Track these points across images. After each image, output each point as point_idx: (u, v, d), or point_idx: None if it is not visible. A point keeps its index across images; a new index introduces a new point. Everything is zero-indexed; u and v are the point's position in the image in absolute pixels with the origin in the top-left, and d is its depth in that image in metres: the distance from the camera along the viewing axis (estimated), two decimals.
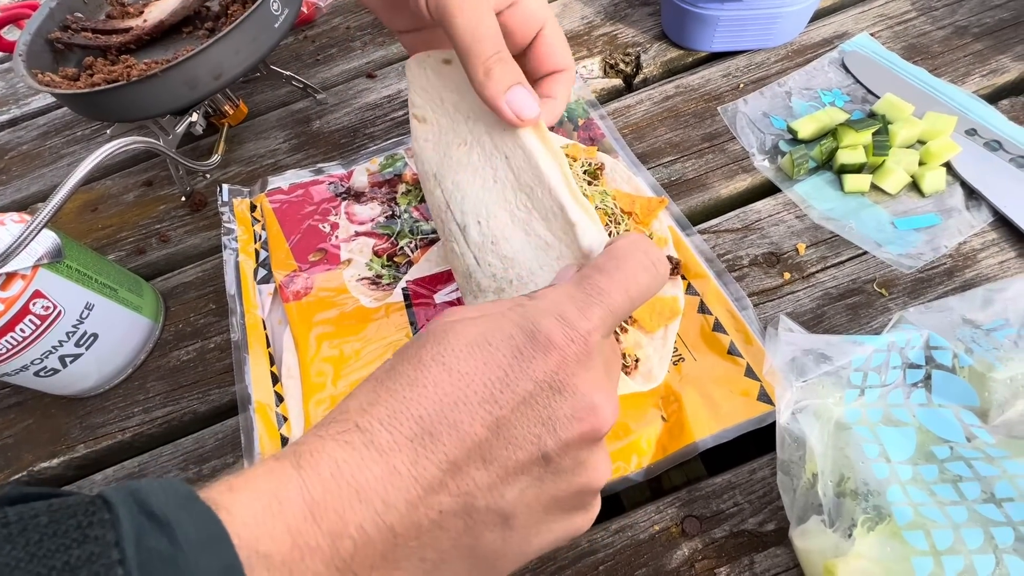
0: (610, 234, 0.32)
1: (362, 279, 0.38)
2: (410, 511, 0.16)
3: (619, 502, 0.31)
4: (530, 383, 0.17)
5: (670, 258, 0.34)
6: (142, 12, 0.50)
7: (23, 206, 0.53)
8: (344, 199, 0.43)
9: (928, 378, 0.26)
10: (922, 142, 0.38)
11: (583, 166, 0.37)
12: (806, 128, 0.39)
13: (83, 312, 0.34)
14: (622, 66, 0.49)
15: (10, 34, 0.56)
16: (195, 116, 0.45)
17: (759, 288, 0.35)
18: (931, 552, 0.22)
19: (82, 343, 0.35)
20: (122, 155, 0.53)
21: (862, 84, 0.42)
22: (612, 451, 0.29)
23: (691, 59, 0.48)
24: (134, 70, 0.41)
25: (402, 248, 0.40)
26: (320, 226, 0.42)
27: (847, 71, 0.43)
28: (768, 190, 0.39)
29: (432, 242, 0.40)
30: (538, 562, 0.28)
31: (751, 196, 0.39)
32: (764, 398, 0.29)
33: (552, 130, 0.37)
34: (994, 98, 0.40)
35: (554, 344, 0.18)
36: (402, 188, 0.43)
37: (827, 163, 0.39)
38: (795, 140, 0.40)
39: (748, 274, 0.35)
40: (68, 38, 0.46)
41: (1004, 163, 0.36)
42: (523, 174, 0.29)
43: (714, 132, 0.42)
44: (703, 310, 0.33)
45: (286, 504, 0.15)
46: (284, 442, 0.32)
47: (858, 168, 0.37)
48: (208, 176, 0.49)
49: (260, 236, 0.42)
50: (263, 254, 0.41)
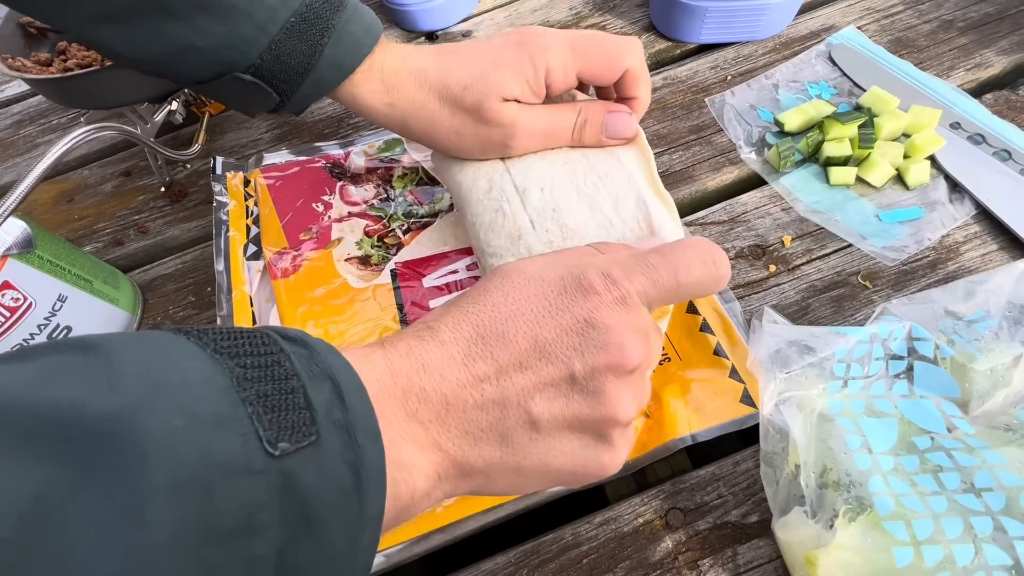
0: None
1: (351, 258, 0.38)
2: (459, 389, 0.20)
3: (603, 495, 0.30)
4: (568, 315, 0.21)
5: None
6: None
7: None
8: (340, 179, 0.42)
9: (910, 369, 0.26)
10: (907, 135, 0.38)
11: None
12: (793, 120, 0.39)
13: (56, 304, 0.33)
14: None
15: None
16: (175, 104, 0.44)
17: (745, 280, 0.35)
18: (911, 542, 0.22)
19: (55, 336, 0.34)
20: (99, 145, 0.52)
21: (848, 77, 0.42)
22: None
23: (679, 51, 0.48)
24: None
25: (393, 230, 0.39)
26: (313, 205, 0.41)
27: (834, 64, 0.43)
28: (755, 182, 0.39)
29: (425, 226, 0.39)
30: (521, 555, 0.28)
31: (738, 188, 0.39)
32: (747, 400, 0.29)
33: None
34: (978, 92, 0.40)
35: (595, 290, 0.21)
36: (398, 171, 0.42)
37: (813, 156, 0.39)
38: (782, 132, 0.40)
39: (734, 266, 0.35)
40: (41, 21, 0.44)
41: (987, 156, 0.36)
42: (600, 162, 0.31)
43: (701, 124, 0.42)
44: (692, 310, 0.33)
45: (375, 363, 0.20)
46: None
47: (844, 161, 0.37)
48: (188, 166, 0.48)
49: (252, 212, 0.41)
50: (254, 230, 0.40)
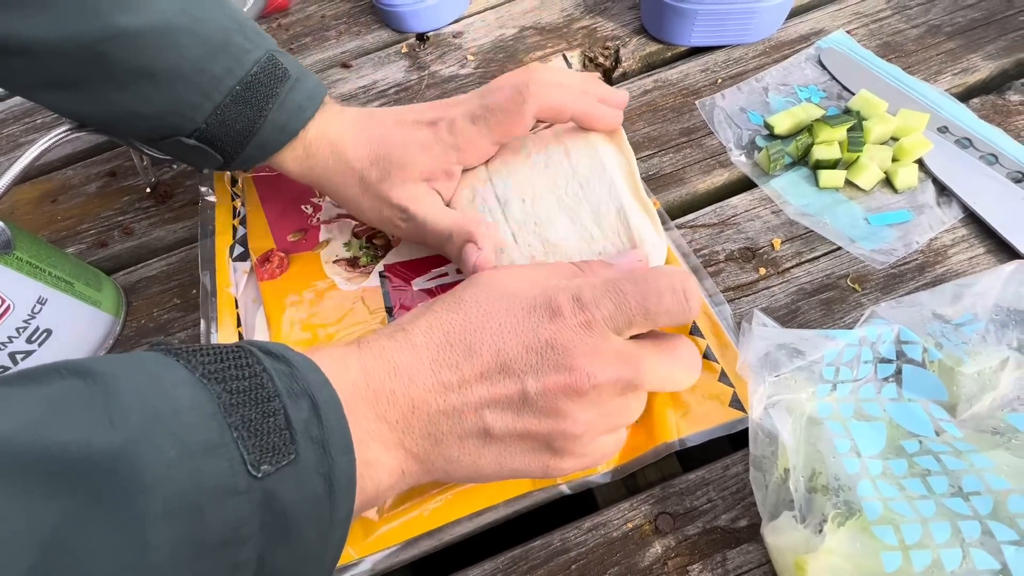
0: None
1: (339, 260, 0.37)
2: (425, 394, 0.22)
3: (593, 499, 0.30)
4: (532, 335, 0.22)
5: None
6: None
7: None
8: None
9: (899, 372, 0.26)
10: (895, 139, 0.38)
11: None
12: (782, 123, 0.39)
13: (35, 307, 0.33)
14: (601, 60, 0.49)
15: None
16: None
17: (735, 283, 0.35)
18: (900, 547, 0.22)
19: (34, 339, 0.33)
20: (84, 144, 0.52)
21: (838, 80, 0.42)
22: None
23: (670, 54, 0.48)
24: None
25: (382, 231, 0.39)
26: (302, 207, 0.40)
27: (823, 67, 0.43)
28: (745, 185, 0.39)
29: None
30: (510, 561, 0.28)
31: (728, 191, 0.39)
32: (737, 404, 0.29)
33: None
34: (965, 96, 0.40)
35: (562, 313, 0.23)
36: None
37: (803, 159, 0.39)
38: (772, 135, 0.40)
39: (724, 269, 0.35)
40: None
41: (974, 160, 0.36)
42: (581, 165, 0.30)
43: (692, 127, 0.42)
44: None
45: (350, 365, 0.22)
46: None
47: (833, 164, 0.37)
48: (174, 167, 0.48)
49: (239, 212, 0.41)
50: (241, 231, 0.40)
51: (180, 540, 0.14)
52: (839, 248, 0.35)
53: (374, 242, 0.38)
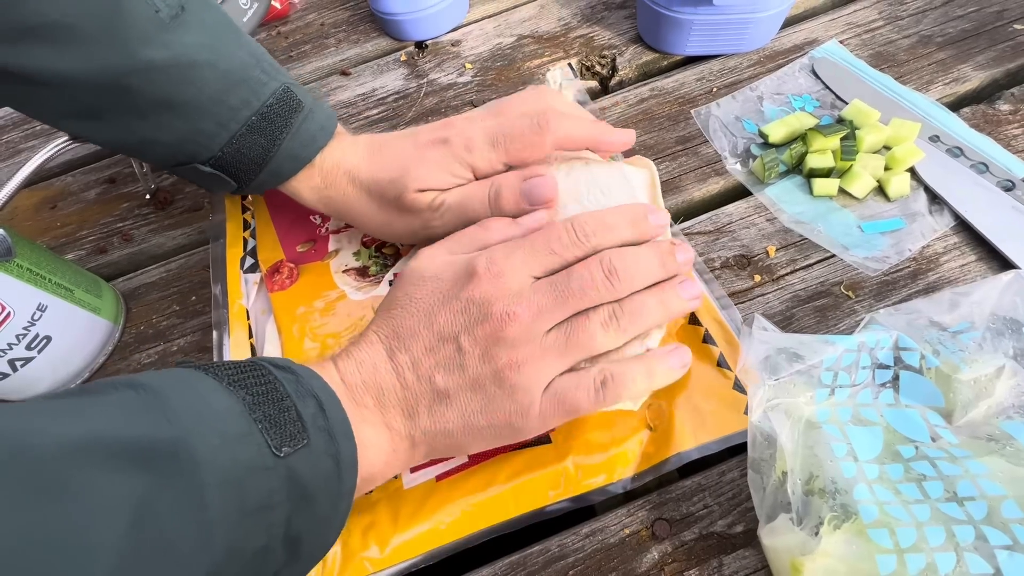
0: None
1: (348, 270, 0.38)
2: (388, 376, 0.26)
3: (590, 505, 0.30)
4: (456, 300, 0.26)
5: None
6: None
7: None
8: None
9: (896, 379, 0.26)
10: (888, 147, 0.38)
11: None
12: (777, 132, 0.40)
13: (35, 314, 0.33)
14: (598, 68, 0.49)
15: None
16: None
17: (730, 290, 0.35)
18: (895, 550, 0.22)
19: (34, 346, 0.33)
20: (83, 151, 0.52)
21: (831, 90, 0.43)
22: (594, 464, 0.29)
23: (666, 63, 0.49)
24: None
25: None
26: (311, 217, 0.41)
27: (817, 77, 0.44)
28: (740, 193, 0.39)
29: None
30: (508, 567, 0.28)
31: (723, 199, 0.40)
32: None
33: None
34: (956, 106, 0.41)
35: (477, 272, 0.26)
36: None
37: (797, 167, 0.39)
38: (766, 144, 0.41)
39: (720, 276, 0.36)
40: None
41: (965, 169, 0.37)
42: (602, 174, 0.31)
43: (687, 135, 0.43)
44: (694, 321, 0.33)
45: (328, 371, 0.25)
46: None
47: (827, 172, 0.38)
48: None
49: (249, 224, 0.41)
50: (251, 242, 0.40)
51: (230, 504, 0.19)
52: (833, 256, 0.35)
53: (383, 251, 0.38)
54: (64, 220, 0.47)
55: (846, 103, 0.41)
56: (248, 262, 0.39)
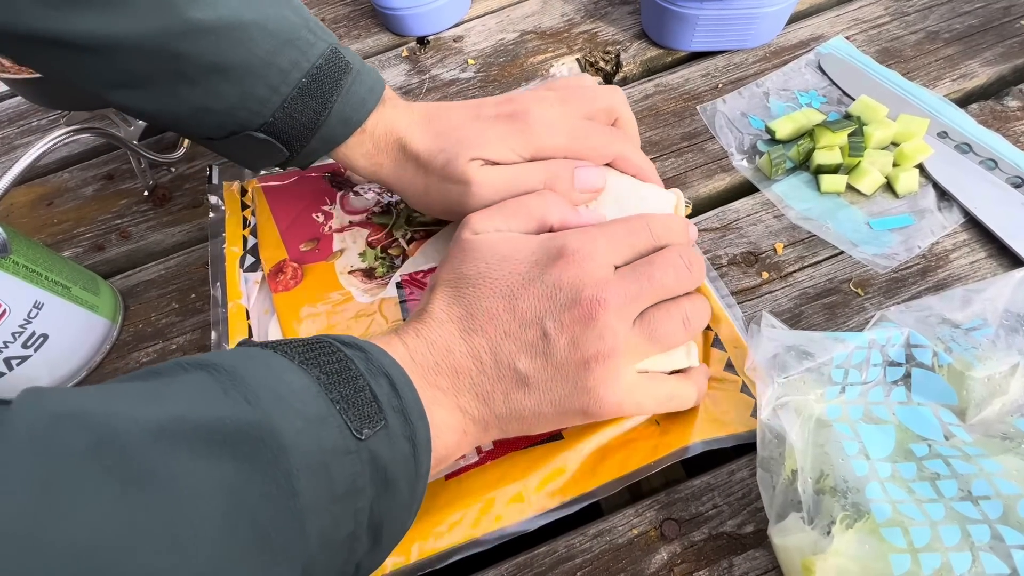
0: None
1: (355, 271, 0.37)
2: (463, 360, 0.25)
3: (597, 506, 0.30)
4: (540, 284, 0.25)
5: None
6: None
7: None
8: (340, 189, 0.41)
9: (908, 376, 0.26)
10: (896, 144, 0.38)
11: None
12: (784, 128, 0.39)
13: (31, 311, 0.32)
14: (602, 64, 0.49)
15: None
16: None
17: (738, 288, 0.35)
18: (908, 549, 0.22)
19: (30, 344, 0.33)
20: (80, 147, 0.51)
21: (838, 86, 0.42)
22: (605, 462, 0.29)
23: (671, 58, 0.48)
24: None
25: (396, 240, 0.38)
26: (314, 215, 0.40)
27: (823, 73, 0.43)
28: (746, 190, 0.39)
29: (429, 234, 0.38)
30: (515, 568, 0.27)
31: (730, 195, 0.39)
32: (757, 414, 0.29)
33: None
34: (964, 102, 0.41)
35: (563, 255, 0.25)
36: None
37: (804, 163, 0.39)
38: (773, 140, 0.40)
39: (727, 273, 0.35)
40: None
41: (974, 165, 0.37)
42: (638, 184, 0.32)
43: (693, 131, 0.42)
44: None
45: (396, 349, 0.24)
46: None
47: (834, 169, 0.37)
48: (173, 170, 0.47)
49: (250, 222, 0.40)
50: (251, 241, 0.39)
51: (318, 490, 0.18)
52: (841, 252, 0.35)
53: (389, 252, 0.38)
54: (61, 217, 0.46)
55: (853, 99, 0.41)
56: (248, 260, 0.38)
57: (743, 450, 0.29)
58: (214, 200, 0.41)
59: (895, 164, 0.37)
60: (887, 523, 0.22)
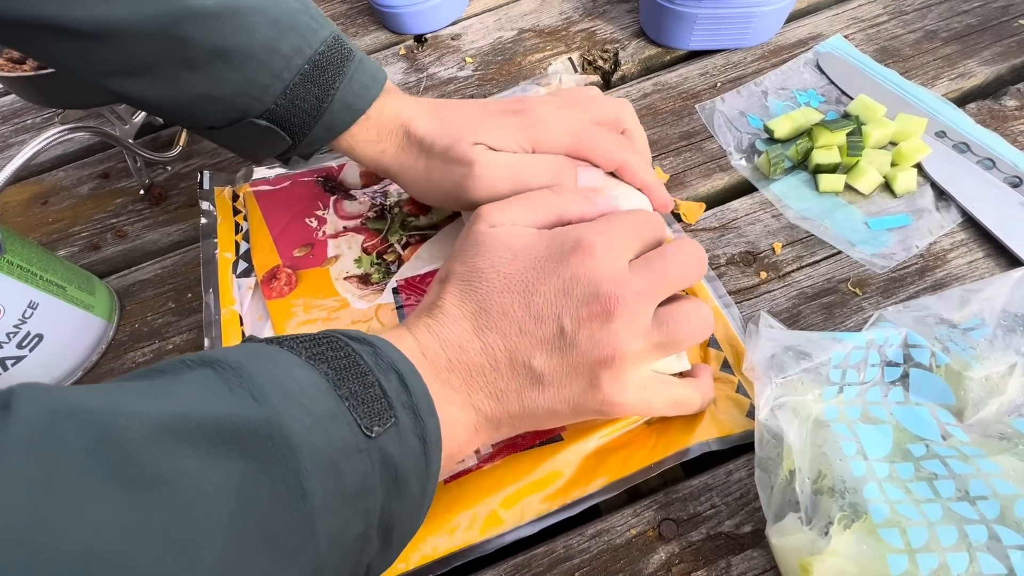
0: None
1: (350, 277, 0.37)
2: (477, 357, 0.24)
3: (595, 506, 0.30)
4: (556, 278, 0.24)
5: None
6: None
7: None
8: (333, 193, 0.41)
9: (906, 376, 0.26)
10: (894, 143, 0.38)
11: None
12: (782, 127, 0.39)
13: (26, 311, 0.32)
14: (600, 63, 0.49)
15: None
16: None
17: (736, 287, 0.35)
18: (906, 550, 0.22)
19: (25, 344, 0.32)
20: (75, 145, 0.51)
21: (836, 85, 0.42)
22: (603, 463, 0.28)
23: (669, 57, 0.48)
24: None
25: (392, 245, 0.38)
26: (307, 220, 0.40)
27: (822, 72, 0.43)
28: (745, 189, 0.39)
29: (424, 238, 0.38)
30: (512, 569, 0.27)
31: (728, 195, 0.39)
32: (753, 415, 0.29)
33: None
34: (962, 101, 0.41)
35: (580, 248, 0.25)
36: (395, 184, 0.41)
37: (803, 163, 0.39)
38: (771, 139, 0.40)
39: (725, 273, 0.35)
40: None
41: (972, 165, 0.37)
42: (630, 189, 0.32)
43: (691, 130, 0.42)
44: None
45: (407, 344, 0.24)
46: None
47: (833, 168, 0.37)
48: (169, 168, 0.47)
49: (242, 227, 0.40)
50: (244, 246, 0.39)
51: (329, 491, 0.18)
52: (839, 252, 0.35)
53: (385, 258, 0.37)
54: (56, 216, 0.46)
55: (851, 98, 0.41)
56: (241, 266, 0.38)
57: (741, 450, 0.29)
58: (205, 206, 0.41)
59: (893, 163, 0.37)
60: (885, 523, 0.22)
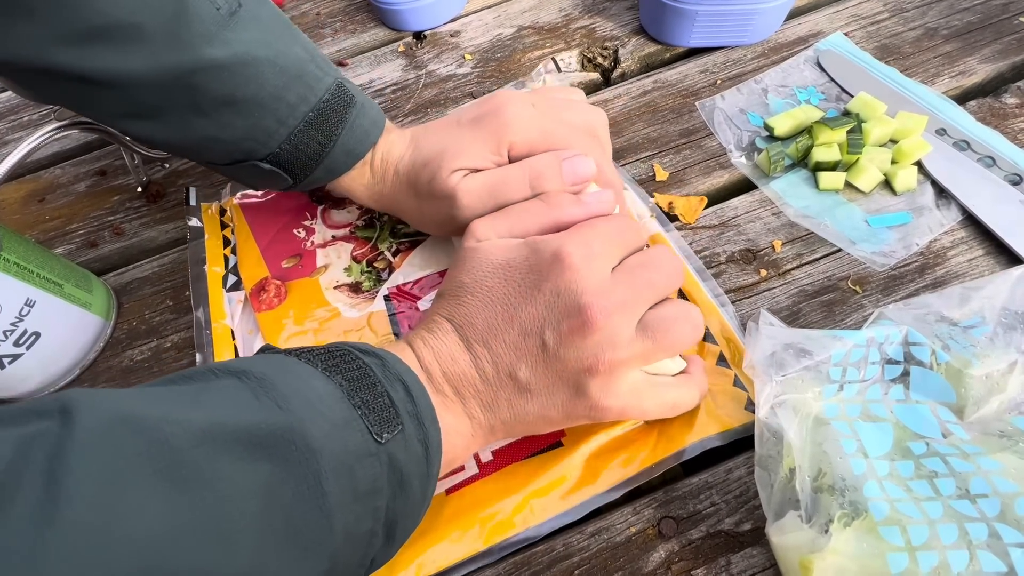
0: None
1: (340, 286, 0.36)
2: (468, 369, 0.25)
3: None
4: (538, 291, 0.25)
5: None
6: None
7: None
8: (321, 203, 0.41)
9: (906, 374, 0.26)
10: (894, 141, 0.38)
11: None
12: (782, 125, 0.39)
13: (23, 309, 0.32)
14: (600, 60, 0.48)
15: None
16: None
17: (736, 285, 0.34)
18: (906, 548, 0.22)
19: (22, 342, 0.32)
20: (72, 143, 0.51)
21: (836, 82, 0.42)
22: (602, 471, 0.28)
23: (669, 54, 0.48)
24: None
25: (382, 253, 0.38)
26: (295, 231, 0.39)
27: (822, 69, 0.43)
28: (745, 187, 0.39)
29: (414, 245, 0.38)
30: (512, 567, 0.27)
31: (728, 192, 0.39)
32: (751, 407, 0.29)
33: None
34: (962, 99, 0.40)
35: (560, 260, 0.25)
36: None
37: (803, 160, 0.39)
38: (771, 137, 0.40)
39: (725, 271, 0.35)
40: None
41: (972, 163, 0.37)
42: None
43: (691, 128, 0.42)
44: None
45: (407, 357, 0.25)
46: None
47: (833, 166, 0.37)
48: (166, 166, 0.47)
49: (230, 241, 0.39)
50: (232, 260, 0.38)
51: (344, 490, 0.19)
52: (839, 250, 0.35)
53: (375, 265, 0.37)
54: (53, 213, 0.46)
55: (851, 96, 0.41)
56: (231, 280, 0.37)
57: (741, 448, 0.29)
58: (193, 221, 0.41)
59: (893, 161, 0.37)
60: (885, 521, 0.22)
